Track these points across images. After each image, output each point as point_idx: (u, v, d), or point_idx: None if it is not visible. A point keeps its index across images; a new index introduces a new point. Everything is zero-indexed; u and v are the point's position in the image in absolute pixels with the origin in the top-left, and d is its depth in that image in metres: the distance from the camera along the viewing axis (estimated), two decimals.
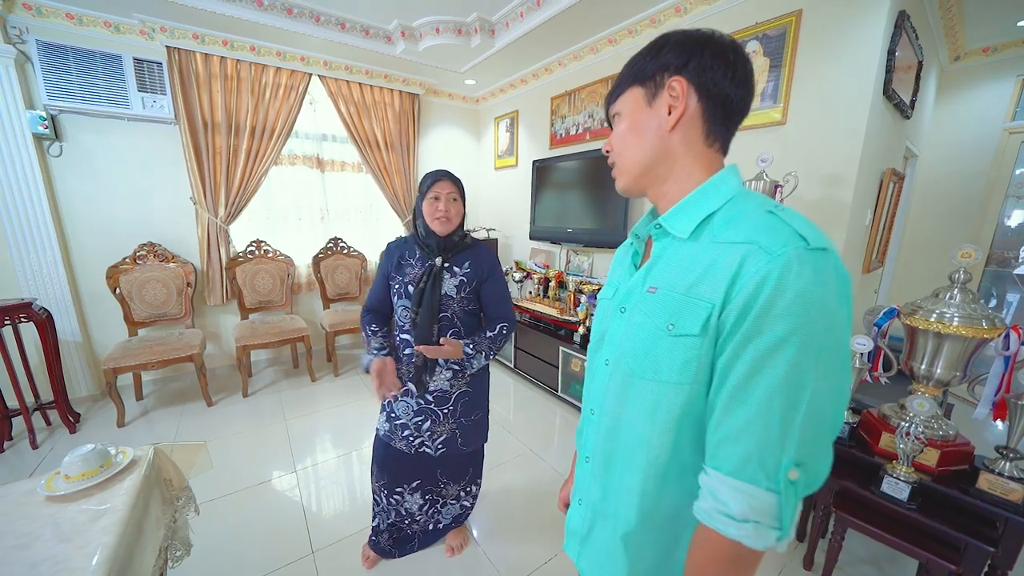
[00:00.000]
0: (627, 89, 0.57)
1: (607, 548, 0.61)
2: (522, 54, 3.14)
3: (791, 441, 0.42)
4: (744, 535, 0.43)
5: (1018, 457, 1.23)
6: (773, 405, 0.42)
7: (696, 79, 0.52)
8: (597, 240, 2.97)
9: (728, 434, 0.45)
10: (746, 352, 0.43)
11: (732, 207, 0.51)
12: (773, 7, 2.02)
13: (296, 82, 3.10)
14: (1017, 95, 2.82)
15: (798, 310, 0.41)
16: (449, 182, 1.28)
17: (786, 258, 0.42)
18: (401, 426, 1.41)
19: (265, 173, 3.09)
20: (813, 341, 0.42)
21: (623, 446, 0.57)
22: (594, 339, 0.69)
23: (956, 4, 2.32)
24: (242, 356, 2.79)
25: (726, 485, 0.45)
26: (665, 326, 0.50)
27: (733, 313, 0.44)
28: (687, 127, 0.54)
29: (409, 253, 1.35)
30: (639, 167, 0.58)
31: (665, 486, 0.53)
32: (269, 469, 2.09)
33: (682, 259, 0.52)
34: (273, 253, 3.22)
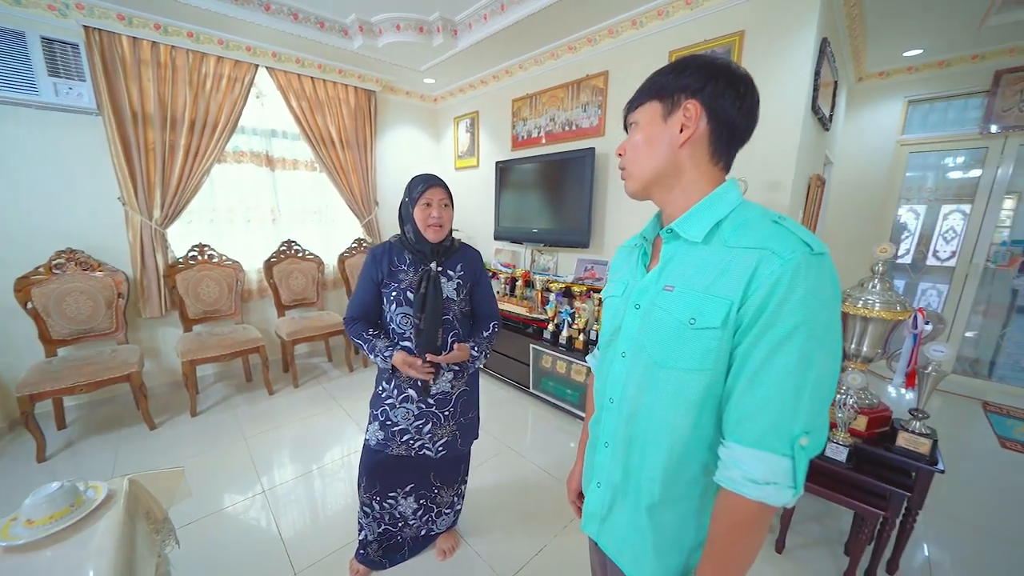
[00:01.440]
0: (647, 102, 0.64)
1: (630, 522, 0.67)
2: (484, 56, 3.15)
3: (801, 414, 0.50)
4: (766, 495, 0.51)
5: (925, 417, 1.48)
6: (787, 385, 0.50)
7: (708, 103, 0.59)
8: (562, 240, 3.08)
9: (748, 411, 0.52)
10: (763, 341, 0.51)
11: (738, 216, 0.58)
12: (719, 26, 2.22)
13: (241, 73, 2.87)
14: (905, 113, 3.33)
15: (806, 305, 0.49)
16: (441, 188, 1.28)
17: (796, 262, 0.50)
18: (400, 431, 1.38)
19: (207, 171, 2.84)
20: (817, 330, 0.50)
21: (646, 429, 0.63)
22: (606, 334, 0.75)
23: (860, 32, 2.69)
24: (188, 372, 2.55)
25: (749, 455, 0.52)
26: (687, 320, 0.57)
27: (751, 308, 0.52)
28: (695, 145, 0.61)
29: (399, 259, 1.32)
30: (649, 175, 0.64)
31: (685, 461, 0.60)
32: (234, 492, 1.94)
33: (696, 261, 0.59)
34: (219, 258, 2.97)
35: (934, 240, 3.45)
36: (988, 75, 2.97)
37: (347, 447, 2.35)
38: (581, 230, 2.91)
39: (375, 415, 1.41)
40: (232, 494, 1.93)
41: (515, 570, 1.56)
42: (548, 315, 2.90)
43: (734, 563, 0.56)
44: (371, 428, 1.42)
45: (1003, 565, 1.62)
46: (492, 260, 3.83)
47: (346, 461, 2.22)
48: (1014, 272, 3.24)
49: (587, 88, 2.90)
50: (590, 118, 2.92)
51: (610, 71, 2.75)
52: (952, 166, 3.33)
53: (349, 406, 2.81)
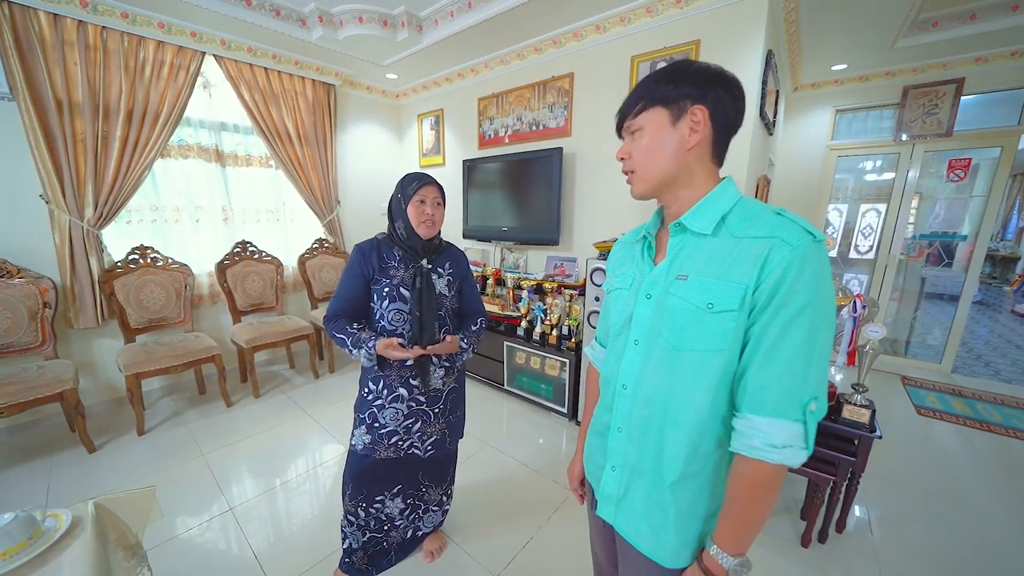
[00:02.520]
0: (651, 108, 0.67)
1: (649, 500, 0.70)
2: (449, 53, 3.13)
3: (810, 382, 0.56)
4: (785, 458, 0.57)
5: (865, 390, 1.67)
6: (798, 358, 0.56)
7: (713, 108, 0.64)
8: (531, 238, 3.13)
9: (765, 384, 0.58)
10: (776, 320, 0.56)
11: (742, 209, 0.64)
12: (677, 35, 2.35)
13: (185, 61, 2.65)
14: (833, 121, 3.71)
15: (813, 286, 0.55)
16: (435, 187, 1.30)
17: (803, 249, 0.56)
18: (388, 433, 1.36)
19: (149, 166, 2.59)
20: (821, 308, 0.56)
21: (665, 410, 0.67)
22: (615, 325, 0.78)
23: (797, 47, 2.97)
24: (133, 387, 2.32)
25: (768, 423, 0.57)
26: (704, 305, 0.61)
27: (766, 291, 0.57)
28: (701, 147, 0.66)
29: (387, 255, 1.31)
30: (660, 177, 0.68)
31: (704, 436, 0.65)
32: (197, 513, 1.80)
33: (706, 251, 0.64)
34: (164, 261, 2.72)
35: (855, 235, 3.88)
36: (898, 90, 3.38)
37: (319, 456, 2.25)
38: (550, 228, 2.98)
39: (362, 419, 1.37)
40: (195, 515, 1.79)
41: (504, 564, 1.58)
42: (521, 312, 2.94)
43: (753, 523, 0.62)
44: (357, 433, 1.38)
45: (927, 515, 1.86)
46: None
47: (319, 470, 2.13)
48: (922, 263, 3.72)
49: (553, 89, 2.97)
50: (557, 118, 2.99)
51: (575, 73, 2.83)
52: (870, 169, 3.77)
53: (318, 413, 2.69)
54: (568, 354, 2.58)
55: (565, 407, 2.63)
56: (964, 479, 2.13)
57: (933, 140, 3.32)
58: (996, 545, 1.69)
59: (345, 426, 2.53)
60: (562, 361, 2.62)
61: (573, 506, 1.88)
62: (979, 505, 1.93)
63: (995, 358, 3.98)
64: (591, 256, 2.53)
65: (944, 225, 3.63)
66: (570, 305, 2.73)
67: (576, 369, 2.55)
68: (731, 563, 0.61)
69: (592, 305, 2.37)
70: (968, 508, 1.91)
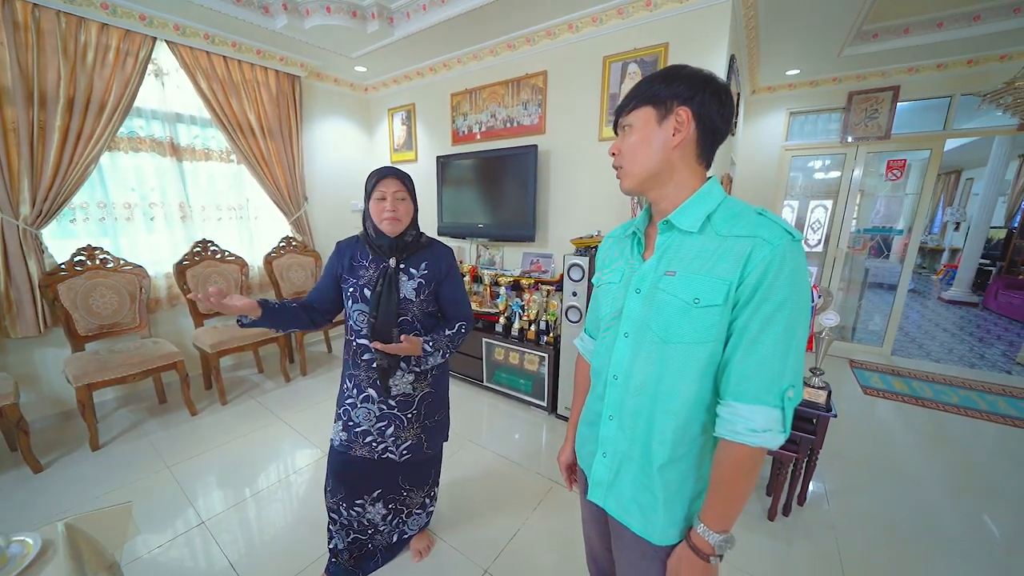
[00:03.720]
0: (641, 107, 0.70)
1: (638, 483, 0.75)
2: (421, 47, 3.08)
3: (788, 371, 0.61)
4: (764, 441, 0.62)
5: (821, 373, 1.81)
6: (777, 349, 0.60)
7: (697, 111, 0.67)
8: (507, 234, 3.15)
9: (747, 374, 0.62)
10: (758, 314, 0.61)
11: (726, 209, 0.68)
12: (647, 37, 2.43)
13: (134, 46, 2.46)
14: (787, 123, 3.96)
15: (791, 282, 0.60)
16: (395, 180, 1.23)
17: (783, 247, 0.60)
18: (363, 432, 1.34)
19: (95, 160, 2.39)
20: (799, 301, 0.61)
21: (654, 399, 0.71)
22: (605, 318, 0.81)
23: (755, 52, 3.14)
24: (85, 399, 2.15)
25: (749, 410, 0.62)
26: (691, 300, 0.65)
27: (748, 287, 0.61)
28: (685, 147, 0.69)
29: (361, 254, 1.29)
30: (645, 173, 0.72)
31: (690, 423, 0.69)
32: (165, 528, 1.70)
33: (692, 248, 0.68)
34: (115, 263, 2.52)
35: (805, 230, 4.16)
36: (844, 95, 3.65)
37: (294, 461, 2.18)
38: (526, 225, 3.00)
39: (339, 414, 1.38)
40: (162, 531, 1.69)
41: (493, 557, 1.61)
42: (499, 309, 2.95)
43: (736, 501, 0.66)
44: (336, 428, 1.39)
45: (873, 485, 2.05)
46: None
47: (294, 477, 2.06)
48: (865, 255, 4.05)
49: (527, 86, 2.99)
50: (531, 116, 3.01)
51: (549, 71, 2.86)
52: (818, 168, 4.05)
53: (291, 418, 2.59)
54: (547, 349, 2.62)
55: (545, 401, 2.68)
56: (902, 450, 2.35)
57: (874, 142, 3.61)
58: (930, 505, 1.89)
59: (320, 429, 2.46)
60: (541, 356, 2.66)
61: (558, 496, 1.93)
62: (914, 472, 2.14)
63: (926, 340, 4.41)
64: (568, 252, 2.58)
65: (884, 220, 3.97)
66: (547, 300, 2.78)
67: (555, 363, 2.60)
68: (717, 539, 0.66)
69: (570, 300, 2.43)
70: (906, 476, 2.11)
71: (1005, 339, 4.47)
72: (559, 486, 1.99)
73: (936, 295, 6.76)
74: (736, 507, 0.67)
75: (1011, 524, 1.79)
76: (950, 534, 1.73)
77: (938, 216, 8.80)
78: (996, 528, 1.77)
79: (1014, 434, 2.52)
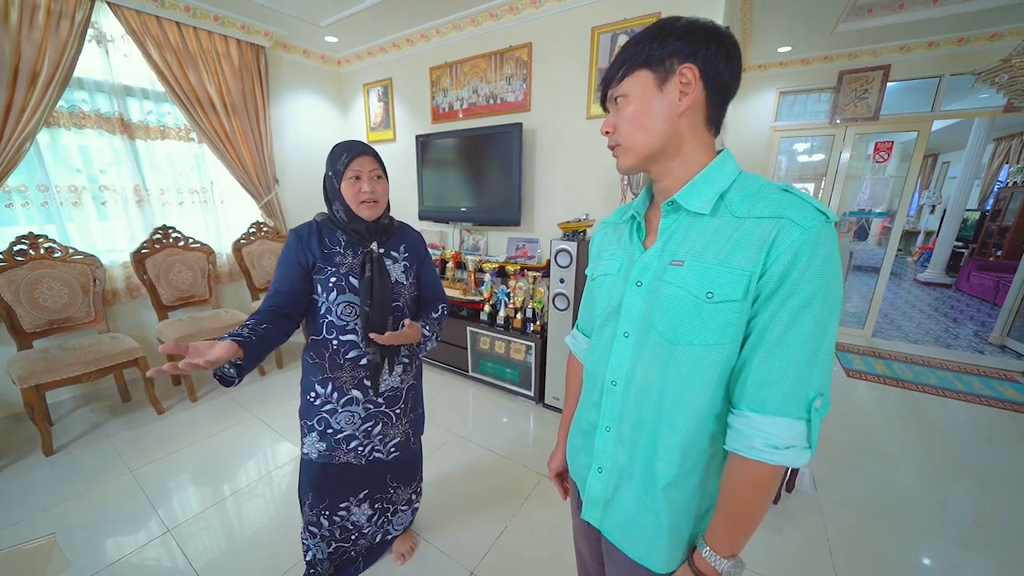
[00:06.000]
0: (634, 71, 0.59)
1: (640, 504, 0.66)
2: (396, 15, 2.86)
3: (816, 377, 0.51)
4: (787, 459, 0.52)
5: None
6: (803, 351, 0.51)
7: (704, 67, 0.56)
8: (492, 219, 3.02)
9: (767, 380, 0.52)
10: (783, 310, 0.51)
11: (743, 186, 0.58)
12: (637, 7, 2.28)
13: (68, 7, 2.18)
14: (777, 102, 3.88)
15: (824, 273, 0.50)
16: (370, 157, 1.11)
17: (816, 230, 0.50)
18: (346, 438, 1.24)
19: (29, 137, 2.15)
20: (830, 296, 0.51)
21: (657, 409, 0.62)
22: (600, 315, 0.71)
23: (748, 27, 3.02)
24: (34, 401, 1.98)
25: (769, 422, 0.52)
26: (703, 295, 0.55)
27: (772, 278, 0.51)
28: (693, 112, 0.59)
29: (330, 240, 1.15)
30: (649, 148, 0.61)
31: (700, 436, 0.60)
32: (127, 539, 1.58)
33: (703, 233, 0.58)
34: (63, 252, 2.31)
35: None
36: (834, 74, 3.58)
37: (269, 461, 2.07)
38: (511, 208, 2.88)
39: (311, 426, 1.22)
40: (121, 544, 1.56)
41: (479, 557, 1.55)
42: (484, 296, 2.85)
43: (749, 523, 0.58)
44: (308, 441, 1.24)
45: (856, 468, 2.06)
46: None
47: (271, 476, 1.96)
48: (850, 238, 4.07)
49: (511, 60, 2.81)
50: (515, 92, 2.85)
51: (534, 43, 2.69)
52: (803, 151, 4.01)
53: (266, 414, 2.47)
54: (534, 337, 2.54)
55: (532, 390, 2.62)
56: (885, 432, 2.38)
57: (863, 123, 3.57)
58: (913, 487, 1.91)
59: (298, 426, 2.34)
60: (527, 344, 2.58)
61: (546, 491, 1.88)
62: (897, 454, 2.17)
63: (904, 322, 4.50)
64: (554, 237, 2.48)
65: (870, 203, 3.97)
66: (534, 287, 2.69)
67: (542, 352, 2.53)
68: (724, 565, 0.58)
69: (557, 287, 2.34)
70: (889, 458, 2.14)
71: (977, 319, 4.60)
72: (548, 480, 1.94)
73: (912, 277, 6.93)
74: (748, 529, 0.58)
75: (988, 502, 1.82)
76: (933, 515, 1.74)
77: (914, 199, 8.99)
78: (974, 507, 1.79)
79: (987, 413, 2.58)
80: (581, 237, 2.32)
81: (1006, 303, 3.72)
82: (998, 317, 3.83)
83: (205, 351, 0.81)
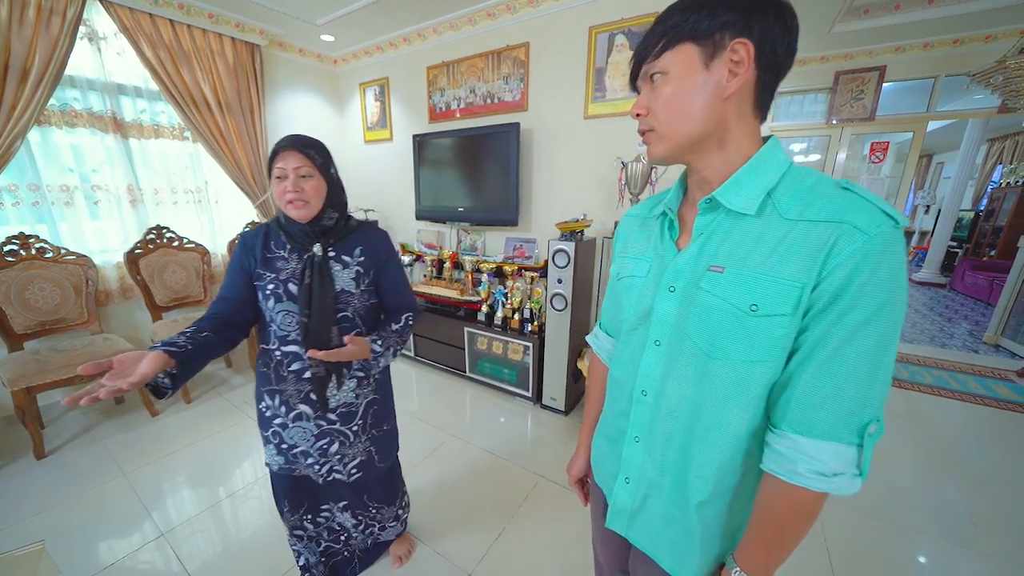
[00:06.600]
0: (676, 45, 0.51)
1: (669, 518, 0.63)
2: (393, 13, 2.84)
3: (872, 401, 0.46)
4: (836, 487, 0.47)
5: None
6: (861, 372, 0.45)
7: (759, 42, 0.49)
8: (489, 218, 3.00)
9: (816, 401, 0.47)
10: (839, 326, 0.45)
11: (794, 182, 0.51)
12: (636, 5, 2.27)
13: (59, 4, 2.15)
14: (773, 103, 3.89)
15: (889, 286, 0.44)
16: (296, 154, 0.99)
17: (883, 238, 0.44)
18: (302, 453, 1.15)
19: (20, 135, 2.12)
20: (895, 311, 0.45)
21: (691, 426, 0.58)
22: (630, 319, 0.66)
23: None
24: (25, 403, 1.95)
25: (816, 447, 0.47)
26: (747, 307, 0.50)
27: (828, 291, 0.45)
28: (741, 95, 0.51)
29: (276, 243, 1.07)
30: (689, 135, 0.53)
31: (737, 456, 0.56)
32: (120, 543, 1.57)
33: (746, 236, 0.51)
34: (55, 252, 2.28)
35: None
36: (830, 75, 3.59)
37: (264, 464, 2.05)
38: (509, 208, 2.87)
39: (267, 437, 1.17)
40: (114, 548, 1.55)
41: (478, 559, 1.54)
42: (481, 296, 2.84)
43: (785, 548, 0.54)
44: (268, 451, 1.19)
45: None
46: (414, 242, 3.61)
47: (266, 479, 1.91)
48: None
49: (508, 59, 2.80)
50: (512, 91, 2.84)
51: (531, 43, 2.68)
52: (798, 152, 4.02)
53: None
54: (531, 338, 2.54)
55: (530, 391, 2.61)
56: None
57: (859, 124, 3.59)
58: (907, 486, 1.92)
59: None
60: (525, 345, 2.58)
61: (544, 492, 1.87)
62: (893, 453, 2.17)
63: None
64: (552, 237, 2.47)
65: None
66: (532, 288, 2.68)
67: (540, 352, 2.52)
68: None
69: (555, 287, 2.33)
70: (885, 457, 2.14)
71: (971, 319, 4.63)
72: (545, 480, 1.93)
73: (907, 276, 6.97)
74: (784, 554, 0.55)
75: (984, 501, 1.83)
76: (929, 514, 1.75)
77: (909, 199, 9.05)
78: (971, 506, 1.80)
79: (983, 412, 2.60)
80: (579, 237, 2.32)
81: (1000, 303, 3.75)
82: (992, 317, 3.86)
83: (131, 367, 0.77)
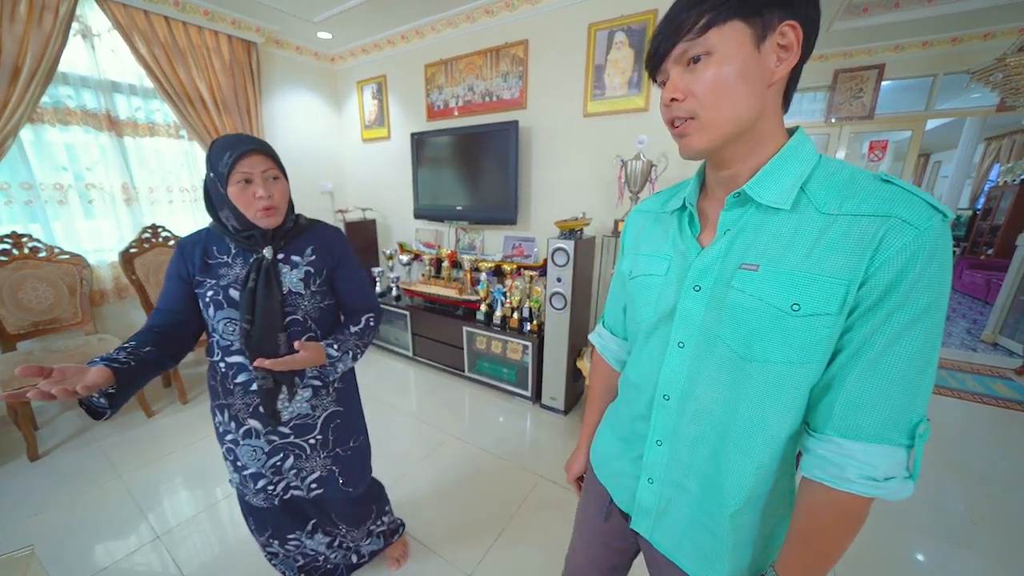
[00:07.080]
0: (724, 22, 0.46)
1: (696, 522, 0.61)
2: (391, 11, 2.82)
3: (921, 401, 0.45)
4: (887, 492, 0.45)
5: None
6: (910, 372, 0.44)
7: (807, 27, 0.46)
8: (488, 217, 2.99)
9: (863, 403, 0.46)
10: (888, 325, 0.44)
11: (827, 175, 0.49)
12: (634, 3, 2.26)
13: (52, 0, 2.13)
14: None
15: (938, 282, 0.43)
16: (262, 156, 0.91)
17: (934, 232, 0.42)
18: (253, 476, 1.07)
19: (12, 133, 2.09)
20: (942, 308, 0.43)
21: (724, 430, 0.56)
22: (648, 320, 0.63)
23: None
24: (18, 404, 1.93)
25: (865, 451, 0.46)
26: (787, 307, 0.47)
27: (877, 288, 0.44)
28: (780, 83, 0.49)
29: (219, 248, 0.98)
30: (735, 125, 0.49)
31: (775, 461, 0.54)
32: (116, 545, 1.55)
33: (781, 232, 0.49)
34: (48, 252, 2.26)
35: None
36: (829, 73, 3.59)
37: None
38: (507, 207, 2.85)
39: (224, 454, 1.10)
40: (110, 551, 1.53)
41: (477, 560, 1.52)
42: (480, 295, 2.83)
43: (830, 558, 0.52)
44: (228, 469, 1.12)
45: None
46: (412, 240, 3.59)
47: None
48: None
49: (507, 57, 2.78)
50: (511, 89, 2.82)
51: (530, 40, 2.67)
52: None
53: None
54: (530, 337, 2.52)
55: (529, 390, 2.60)
56: None
57: (858, 122, 3.59)
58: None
59: None
60: (524, 344, 2.56)
61: (544, 492, 1.86)
62: None
63: None
64: (551, 235, 2.45)
65: None
66: (531, 286, 2.67)
67: (539, 351, 2.51)
68: None
69: (554, 286, 2.32)
70: None
71: (969, 317, 4.64)
72: (545, 480, 1.92)
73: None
74: (828, 565, 0.52)
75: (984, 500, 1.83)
76: (929, 513, 1.75)
77: None
78: (970, 505, 1.80)
79: (982, 411, 2.60)
80: (578, 236, 2.31)
81: (998, 301, 3.76)
82: (990, 315, 3.87)
83: (73, 376, 0.71)
